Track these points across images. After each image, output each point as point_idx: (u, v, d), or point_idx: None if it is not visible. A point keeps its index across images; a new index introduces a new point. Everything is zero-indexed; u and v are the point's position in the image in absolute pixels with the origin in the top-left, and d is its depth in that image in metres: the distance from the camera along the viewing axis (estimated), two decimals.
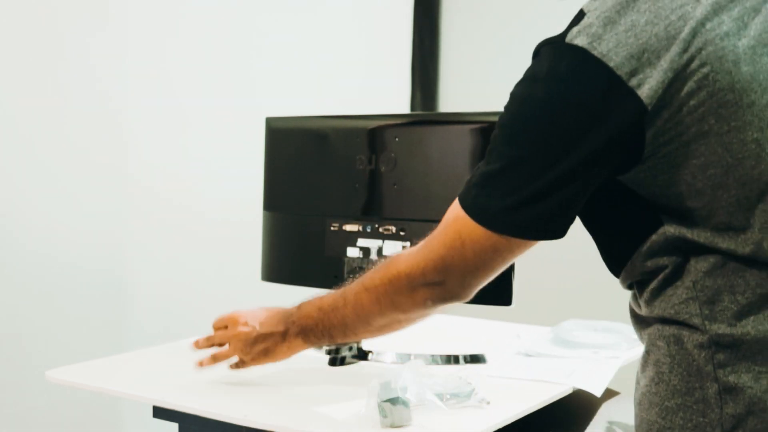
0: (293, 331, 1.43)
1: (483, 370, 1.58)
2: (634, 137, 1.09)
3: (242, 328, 1.48)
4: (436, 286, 1.23)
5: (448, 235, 1.20)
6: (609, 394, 1.66)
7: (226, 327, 1.51)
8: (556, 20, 3.52)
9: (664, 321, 1.16)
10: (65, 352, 2.16)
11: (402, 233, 1.65)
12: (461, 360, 1.66)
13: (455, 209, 1.19)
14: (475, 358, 1.66)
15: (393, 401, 1.28)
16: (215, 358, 1.51)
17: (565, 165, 1.10)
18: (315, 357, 1.68)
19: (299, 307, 1.44)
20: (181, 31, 2.48)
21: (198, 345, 1.52)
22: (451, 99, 3.35)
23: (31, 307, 2.16)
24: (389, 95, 3.25)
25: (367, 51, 3.11)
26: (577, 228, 1.69)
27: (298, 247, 1.79)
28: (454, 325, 2.02)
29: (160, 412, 1.44)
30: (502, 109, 1.18)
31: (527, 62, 1.28)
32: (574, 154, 1.10)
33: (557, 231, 1.15)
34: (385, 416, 1.28)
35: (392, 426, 1.27)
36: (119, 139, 2.33)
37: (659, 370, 1.15)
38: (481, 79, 3.29)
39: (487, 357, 1.67)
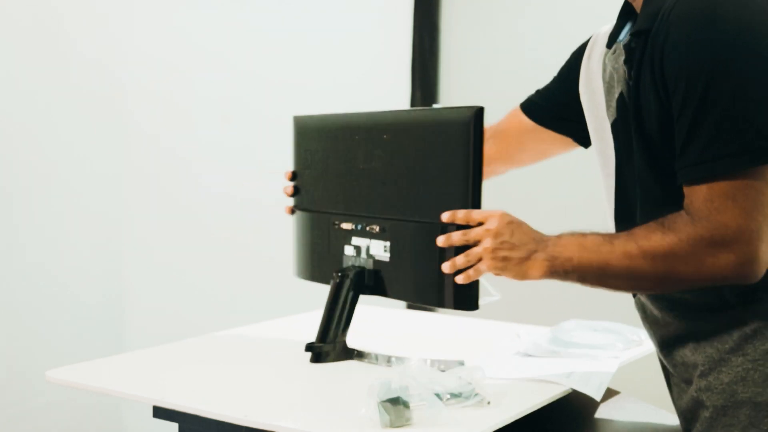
0: (542, 255, 1.36)
1: (483, 371, 1.58)
2: None
3: (494, 227, 1.40)
4: (726, 255, 1.17)
5: (715, 203, 1.17)
6: (609, 393, 1.66)
7: (481, 224, 1.42)
8: (556, 20, 3.54)
9: None
10: (65, 352, 2.16)
11: (383, 232, 1.64)
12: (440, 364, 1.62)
13: (703, 187, 1.18)
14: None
15: (393, 401, 1.28)
16: (467, 257, 1.43)
17: None
18: None
19: (558, 236, 1.37)
20: (180, 31, 2.48)
21: (449, 240, 1.44)
22: (451, 99, 3.35)
23: (31, 307, 2.16)
24: (389, 95, 3.25)
25: (367, 50, 3.11)
26: (578, 228, 1.68)
27: (314, 244, 1.81)
28: (453, 324, 2.02)
29: (160, 412, 1.44)
30: (502, 108, 1.17)
31: (527, 62, 1.29)
32: None
33: None
34: (385, 416, 1.28)
35: (392, 426, 1.28)
36: (119, 138, 2.33)
37: None
38: (481, 79, 3.29)
39: (466, 362, 1.62)
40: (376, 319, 1.92)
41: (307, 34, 2.83)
